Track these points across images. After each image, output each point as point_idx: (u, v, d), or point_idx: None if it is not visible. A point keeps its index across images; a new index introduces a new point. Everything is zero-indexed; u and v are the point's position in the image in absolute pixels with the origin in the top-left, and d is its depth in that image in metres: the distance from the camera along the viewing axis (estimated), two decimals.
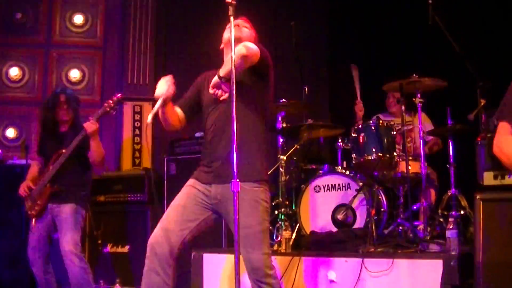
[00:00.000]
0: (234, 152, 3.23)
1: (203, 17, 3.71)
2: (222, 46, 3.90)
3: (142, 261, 3.69)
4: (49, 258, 5.44)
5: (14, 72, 7.75)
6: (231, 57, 3.33)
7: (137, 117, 7.72)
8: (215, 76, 3.64)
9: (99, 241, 6.31)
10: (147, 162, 7.64)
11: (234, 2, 3.40)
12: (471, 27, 6.75)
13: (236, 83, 3.30)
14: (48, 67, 7.75)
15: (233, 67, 3.32)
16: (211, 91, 3.66)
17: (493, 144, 3.00)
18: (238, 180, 3.21)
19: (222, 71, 3.56)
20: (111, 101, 5.35)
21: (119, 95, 5.44)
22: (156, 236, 3.64)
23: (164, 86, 3.71)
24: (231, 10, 3.41)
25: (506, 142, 2.93)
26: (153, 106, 3.74)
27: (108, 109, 5.34)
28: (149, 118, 3.69)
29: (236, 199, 3.19)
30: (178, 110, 3.93)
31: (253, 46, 3.57)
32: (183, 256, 3.71)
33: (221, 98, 3.67)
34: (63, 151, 5.30)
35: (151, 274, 3.62)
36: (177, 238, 3.64)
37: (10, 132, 7.70)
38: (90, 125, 5.24)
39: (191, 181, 3.79)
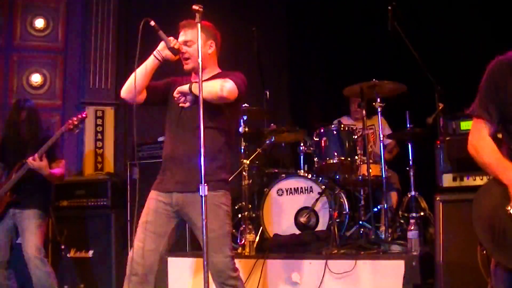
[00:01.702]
0: (202, 157, 3.25)
1: (165, 20, 3.71)
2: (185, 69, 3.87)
3: (105, 266, 3.71)
4: (9, 264, 5.37)
5: None
6: (201, 83, 3.35)
7: (99, 121, 7.67)
8: (185, 84, 3.67)
9: (62, 246, 6.25)
10: (109, 166, 7.61)
11: (201, 10, 3.43)
12: (429, 32, 6.87)
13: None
14: (9, 71, 7.65)
15: (201, 82, 3.35)
16: (175, 94, 3.68)
17: (468, 142, 3.00)
18: (202, 184, 3.24)
19: (195, 89, 3.55)
20: (75, 119, 5.32)
21: (84, 114, 5.40)
22: (134, 256, 3.64)
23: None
24: (197, 17, 3.43)
25: (483, 148, 2.93)
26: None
27: (71, 126, 5.30)
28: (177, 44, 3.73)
29: (205, 203, 3.22)
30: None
31: (232, 89, 3.60)
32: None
33: (180, 105, 3.70)
34: (26, 161, 5.25)
35: None
36: (154, 255, 3.68)
37: None
38: (32, 163, 5.20)
39: (152, 193, 3.80)
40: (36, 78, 7.69)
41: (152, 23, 3.60)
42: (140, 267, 3.63)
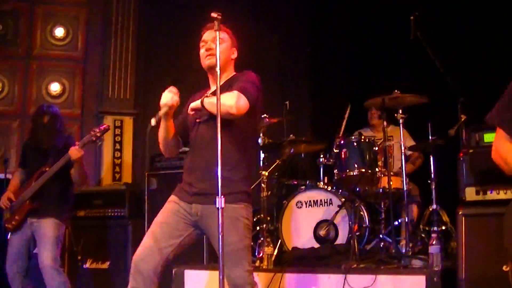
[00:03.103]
0: (219, 168, 3.20)
1: (185, 30, 3.67)
2: (207, 63, 3.80)
3: (122, 277, 3.66)
4: (28, 273, 5.37)
5: None
6: (217, 99, 3.30)
7: (117, 131, 7.67)
8: (201, 96, 3.62)
9: (79, 257, 6.23)
10: (128, 177, 7.59)
11: (219, 17, 3.38)
12: (452, 43, 6.79)
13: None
14: (28, 80, 7.67)
15: (218, 92, 3.31)
16: (190, 112, 3.65)
17: (493, 149, 2.88)
18: (219, 197, 3.19)
19: (206, 105, 3.51)
20: (97, 131, 5.31)
21: (107, 126, 5.39)
22: (140, 253, 3.59)
23: (168, 96, 3.63)
24: (216, 25, 3.39)
25: (510, 153, 2.80)
26: (154, 116, 3.65)
27: (94, 138, 5.29)
28: (153, 121, 3.60)
29: (221, 216, 3.17)
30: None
31: (242, 105, 3.51)
32: (164, 273, 3.66)
33: (197, 121, 3.67)
34: (47, 169, 5.26)
35: None
36: (161, 255, 3.60)
37: None
38: (75, 152, 5.20)
39: (173, 197, 3.75)
40: (55, 87, 7.71)
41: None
42: (145, 264, 3.56)
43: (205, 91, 3.80)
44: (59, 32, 7.80)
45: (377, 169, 5.78)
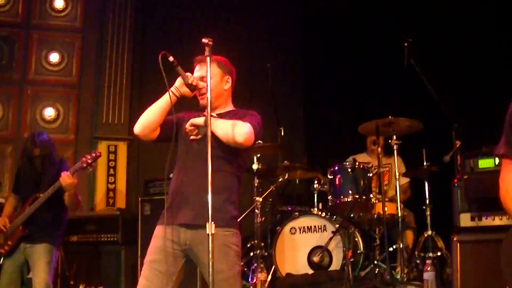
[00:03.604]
0: (209, 194, 3.18)
1: (179, 56, 3.66)
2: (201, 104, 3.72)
3: None
4: None
5: None
6: (209, 117, 3.31)
7: (111, 156, 7.65)
8: (196, 117, 3.60)
9: (72, 282, 6.18)
10: (121, 202, 7.56)
11: (210, 43, 3.38)
12: (445, 70, 6.83)
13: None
14: (23, 105, 7.67)
15: (209, 116, 3.30)
16: (188, 126, 3.60)
17: (500, 187, 2.80)
18: (209, 222, 3.16)
19: (213, 124, 3.44)
20: (89, 157, 5.28)
21: (99, 153, 5.36)
22: None
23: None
24: (207, 51, 3.39)
25: (508, 192, 2.73)
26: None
27: (85, 165, 5.26)
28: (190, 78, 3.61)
29: (212, 243, 3.14)
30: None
31: (249, 136, 3.48)
32: None
33: (191, 138, 3.62)
34: (40, 195, 5.22)
35: None
36: None
37: None
38: (65, 178, 5.14)
39: (158, 230, 3.62)
40: (49, 112, 7.70)
41: (171, 58, 3.53)
42: None
43: (201, 113, 3.75)
44: (54, 57, 7.81)
45: (371, 195, 5.77)
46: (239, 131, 3.46)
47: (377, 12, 7.67)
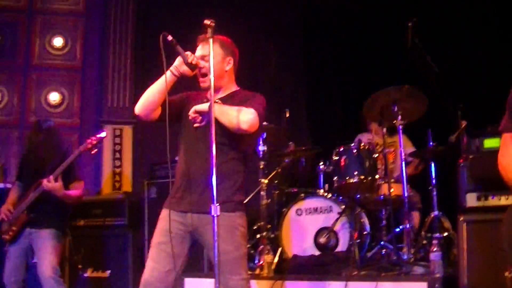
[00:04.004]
0: (214, 177, 3.18)
1: (182, 38, 3.63)
2: (202, 87, 3.72)
3: (122, 286, 3.62)
4: (25, 284, 5.34)
5: None
6: (212, 100, 3.31)
7: (117, 140, 7.67)
8: (200, 101, 3.59)
9: (79, 266, 6.21)
10: (127, 185, 7.57)
11: (212, 24, 3.37)
12: (450, 50, 6.78)
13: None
14: (27, 90, 7.68)
15: (212, 99, 3.29)
16: (191, 114, 3.58)
17: (498, 159, 2.86)
18: (213, 205, 3.18)
19: (216, 111, 3.42)
20: (93, 139, 5.27)
21: (102, 134, 5.35)
22: (148, 278, 3.55)
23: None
24: (209, 32, 3.38)
25: (510, 164, 2.78)
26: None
27: (89, 146, 5.25)
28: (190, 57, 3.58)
29: (216, 224, 3.15)
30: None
31: (253, 122, 3.48)
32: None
33: (195, 125, 3.61)
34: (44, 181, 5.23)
35: None
36: (171, 276, 3.57)
37: None
38: (47, 185, 5.15)
39: (164, 212, 3.66)
40: (54, 97, 7.72)
41: (170, 37, 3.51)
42: None
43: (204, 94, 3.73)
44: (58, 42, 7.81)
45: (377, 176, 5.76)
46: (243, 118, 3.46)
47: None
